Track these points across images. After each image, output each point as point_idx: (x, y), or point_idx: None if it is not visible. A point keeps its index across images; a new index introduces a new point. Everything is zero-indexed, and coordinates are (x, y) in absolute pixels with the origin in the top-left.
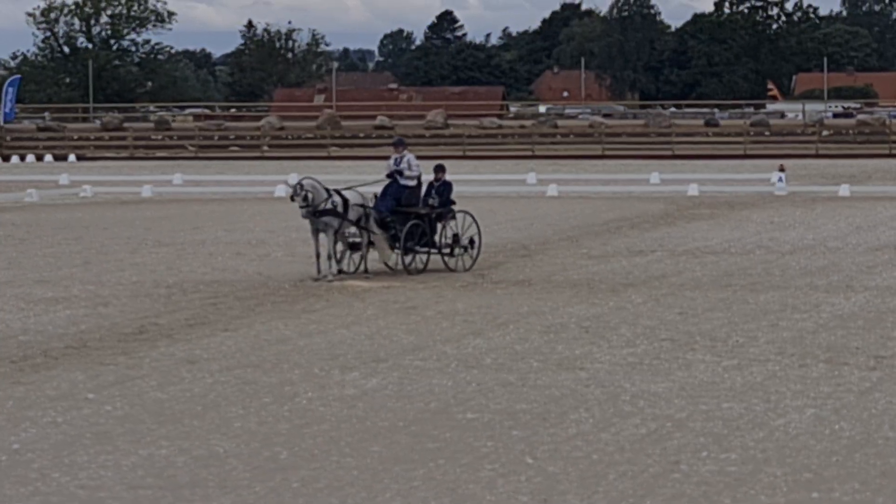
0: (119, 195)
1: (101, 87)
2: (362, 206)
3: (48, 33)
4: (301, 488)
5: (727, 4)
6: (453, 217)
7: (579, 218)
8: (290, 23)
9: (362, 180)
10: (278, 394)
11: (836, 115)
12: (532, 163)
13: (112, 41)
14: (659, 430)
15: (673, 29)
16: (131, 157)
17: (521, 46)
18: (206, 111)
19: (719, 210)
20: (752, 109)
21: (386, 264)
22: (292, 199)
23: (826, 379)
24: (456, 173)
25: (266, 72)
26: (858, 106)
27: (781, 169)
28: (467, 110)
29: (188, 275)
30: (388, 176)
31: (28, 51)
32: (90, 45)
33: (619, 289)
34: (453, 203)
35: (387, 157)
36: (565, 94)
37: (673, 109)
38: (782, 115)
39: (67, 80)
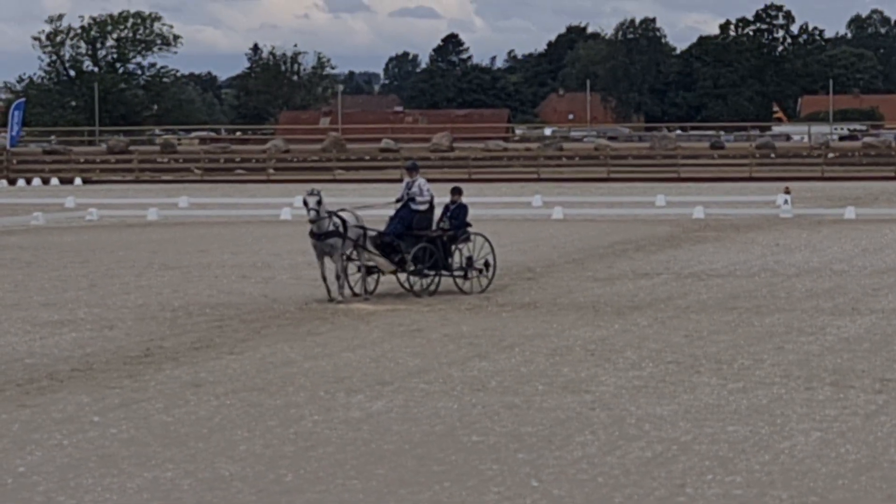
0: (125, 218)
1: (106, 110)
2: (360, 227)
3: (54, 57)
4: None
5: (733, 27)
6: (467, 239)
7: (585, 240)
8: (295, 46)
9: (371, 203)
10: (284, 416)
11: (841, 138)
12: (537, 185)
13: (118, 64)
14: (664, 453)
15: (678, 51)
16: (137, 180)
17: (527, 69)
18: (212, 134)
19: (725, 233)
20: (757, 132)
21: (398, 279)
22: (305, 203)
23: (832, 402)
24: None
25: (272, 95)
26: (864, 128)
27: (787, 191)
28: (473, 133)
29: (194, 298)
30: (398, 201)
31: (34, 74)
32: (96, 69)
33: (625, 311)
34: (469, 225)
35: (392, 181)
36: (570, 116)
37: (678, 132)
38: (788, 138)
39: (73, 103)
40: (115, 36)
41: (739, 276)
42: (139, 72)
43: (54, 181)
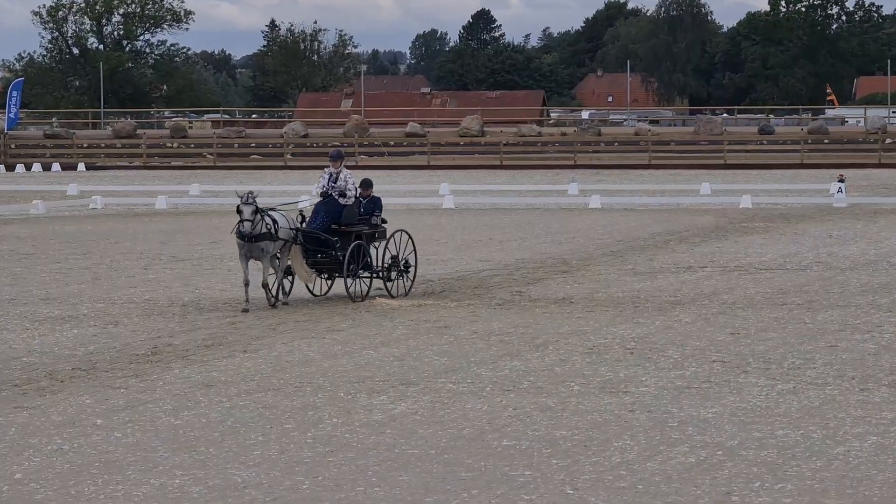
0: (131, 207)
1: (112, 90)
2: (292, 228)
3: (56, 33)
4: None
5: (783, 3)
6: (383, 237)
7: (624, 231)
8: (315, 23)
9: (293, 202)
10: (301, 419)
11: None
12: (573, 172)
13: (125, 42)
14: (709, 458)
15: (725, 29)
16: (145, 166)
17: (563, 48)
18: (226, 117)
19: (774, 223)
20: (809, 115)
21: (308, 289)
22: (239, 211)
23: (888, 404)
24: (492, 183)
25: (290, 75)
26: None
27: (841, 179)
28: (505, 116)
29: (205, 292)
30: (323, 195)
31: (34, 52)
32: (101, 46)
33: (667, 307)
34: (384, 221)
35: (419, 167)
36: (610, 98)
37: (725, 115)
38: (842, 122)
39: (76, 83)
40: (121, 11)
41: (790, 270)
42: (147, 50)
43: (56, 167)
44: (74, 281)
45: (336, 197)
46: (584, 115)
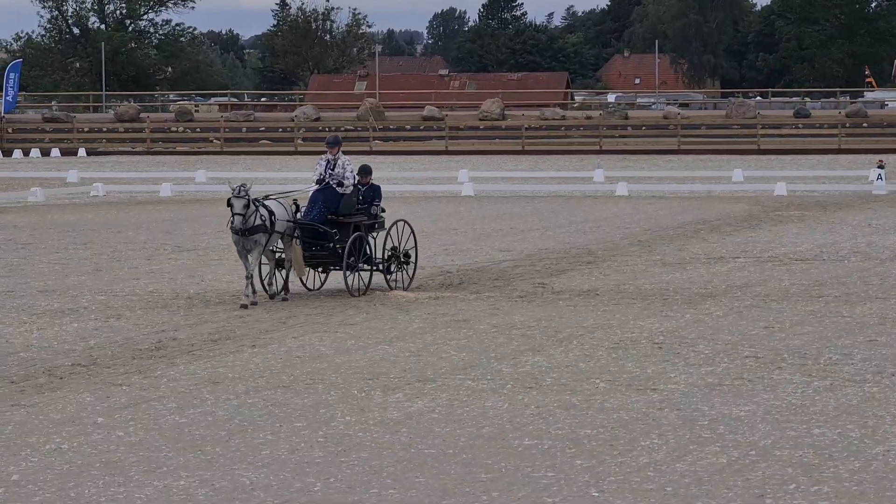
0: (134, 194)
1: (114, 72)
2: (289, 220)
3: (55, 12)
4: None
5: None
6: (382, 227)
7: (652, 220)
8: (327, 1)
9: (293, 190)
10: (312, 417)
11: None
12: (599, 158)
13: (127, 21)
14: (741, 459)
15: (758, 8)
16: (148, 152)
17: (588, 28)
18: (234, 100)
19: (810, 211)
20: (847, 98)
21: (302, 282)
22: (230, 205)
23: None
24: (513, 170)
25: (301, 56)
26: None
27: (881, 165)
28: (527, 99)
29: (211, 284)
30: (319, 182)
31: (33, 32)
32: (103, 26)
33: (697, 300)
34: (383, 210)
35: (436, 152)
36: (637, 81)
37: (758, 98)
38: (882, 105)
39: (77, 64)
40: None
41: (826, 261)
42: (151, 30)
43: (55, 152)
44: (74, 272)
45: (334, 185)
46: (610, 97)
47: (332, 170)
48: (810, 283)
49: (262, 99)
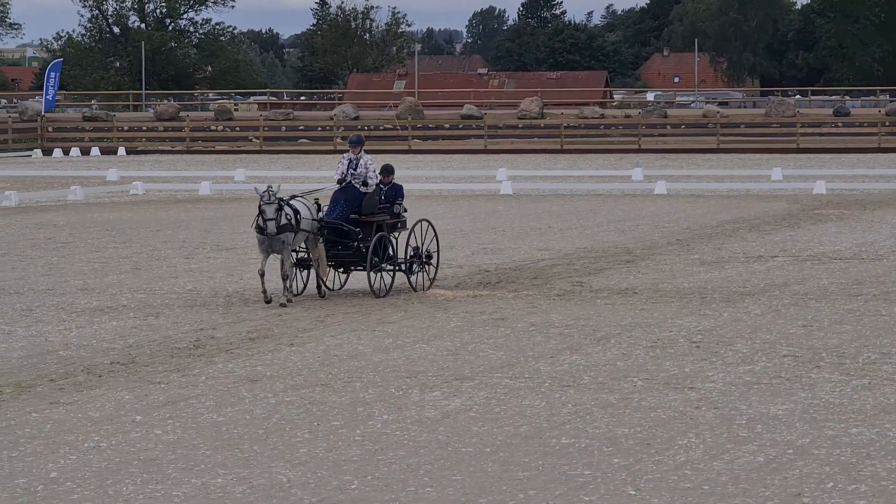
0: (174, 193)
1: (154, 71)
2: (315, 219)
3: (95, 11)
4: None
5: None
6: (404, 227)
7: (690, 219)
8: (367, 0)
9: (317, 188)
10: (350, 416)
11: None
12: (638, 157)
13: (167, 20)
14: (779, 457)
15: (798, 6)
16: (188, 151)
17: (627, 26)
18: (273, 99)
19: (849, 210)
20: (887, 96)
21: (323, 283)
22: (261, 211)
23: None
24: (552, 168)
25: (340, 55)
26: None
27: None
28: (566, 98)
29: (250, 282)
30: (340, 182)
31: (73, 31)
32: (143, 25)
33: (735, 299)
34: (405, 210)
35: (475, 151)
36: (676, 79)
37: (797, 97)
38: None
39: (117, 63)
40: None
41: (866, 260)
42: (191, 29)
43: (95, 151)
44: (113, 271)
45: (357, 185)
46: (650, 96)
47: (355, 169)
48: (849, 282)
49: (302, 98)
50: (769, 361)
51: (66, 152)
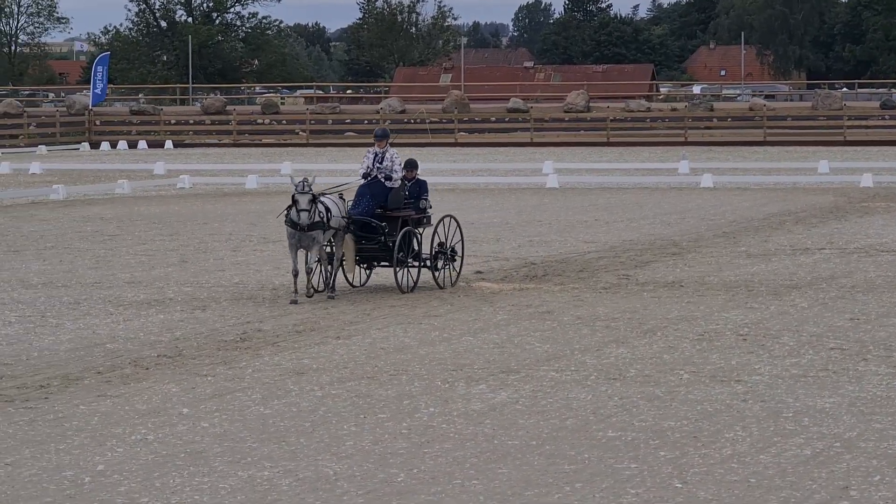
0: (220, 186)
1: (201, 65)
2: (344, 216)
3: (143, 5)
4: None
5: None
6: (429, 223)
7: (737, 212)
8: None
9: (342, 183)
10: (396, 409)
11: None
12: (684, 150)
13: (214, 14)
14: (826, 450)
15: None
16: (235, 144)
17: (673, 19)
18: (319, 92)
19: None
20: None
21: (347, 280)
22: (295, 202)
23: None
24: (598, 161)
25: (386, 48)
26: None
27: None
28: (612, 91)
29: None
30: (365, 176)
31: (120, 25)
32: (190, 19)
33: (782, 291)
34: (430, 206)
35: (520, 144)
36: (722, 72)
37: (844, 90)
38: None
39: (164, 57)
40: None
41: None
42: (238, 23)
43: (142, 144)
44: (160, 264)
45: (381, 179)
46: (696, 89)
47: (381, 163)
48: None
49: (348, 91)
50: (816, 354)
51: (114, 146)
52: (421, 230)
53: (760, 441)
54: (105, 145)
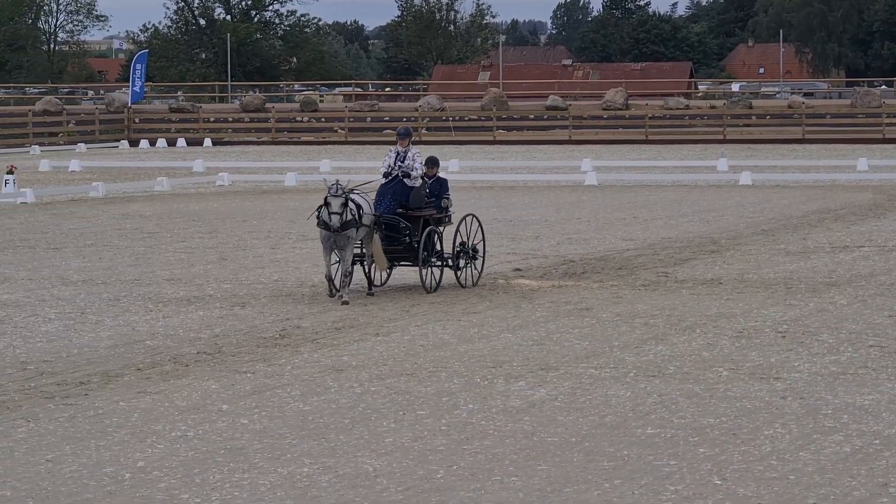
0: (259, 184)
1: (240, 63)
2: (373, 214)
3: (181, 3)
4: None
5: None
6: (450, 221)
7: (776, 209)
8: None
9: (365, 181)
10: (435, 405)
11: None
12: (723, 147)
13: (253, 12)
14: (865, 448)
15: None
16: (273, 142)
17: (712, 17)
18: (358, 90)
19: None
20: None
21: (370, 278)
22: (327, 203)
23: None
24: (636, 159)
25: (424, 46)
26: None
27: None
28: (650, 89)
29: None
30: (386, 175)
31: (159, 23)
32: (228, 17)
33: (821, 289)
34: (451, 204)
35: (559, 142)
36: (761, 70)
37: (884, 87)
38: None
39: (203, 55)
40: None
41: None
42: (277, 21)
43: (181, 142)
44: (200, 261)
45: (402, 178)
46: (734, 87)
47: (402, 161)
48: None
49: (387, 89)
50: (855, 352)
51: (153, 143)
52: (441, 228)
53: (800, 438)
54: (144, 143)
